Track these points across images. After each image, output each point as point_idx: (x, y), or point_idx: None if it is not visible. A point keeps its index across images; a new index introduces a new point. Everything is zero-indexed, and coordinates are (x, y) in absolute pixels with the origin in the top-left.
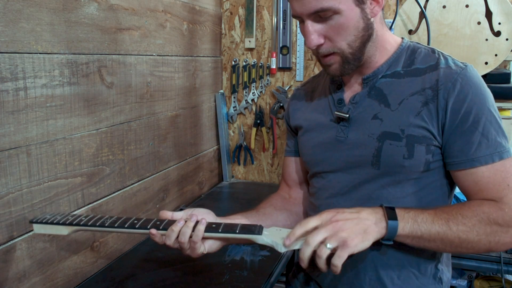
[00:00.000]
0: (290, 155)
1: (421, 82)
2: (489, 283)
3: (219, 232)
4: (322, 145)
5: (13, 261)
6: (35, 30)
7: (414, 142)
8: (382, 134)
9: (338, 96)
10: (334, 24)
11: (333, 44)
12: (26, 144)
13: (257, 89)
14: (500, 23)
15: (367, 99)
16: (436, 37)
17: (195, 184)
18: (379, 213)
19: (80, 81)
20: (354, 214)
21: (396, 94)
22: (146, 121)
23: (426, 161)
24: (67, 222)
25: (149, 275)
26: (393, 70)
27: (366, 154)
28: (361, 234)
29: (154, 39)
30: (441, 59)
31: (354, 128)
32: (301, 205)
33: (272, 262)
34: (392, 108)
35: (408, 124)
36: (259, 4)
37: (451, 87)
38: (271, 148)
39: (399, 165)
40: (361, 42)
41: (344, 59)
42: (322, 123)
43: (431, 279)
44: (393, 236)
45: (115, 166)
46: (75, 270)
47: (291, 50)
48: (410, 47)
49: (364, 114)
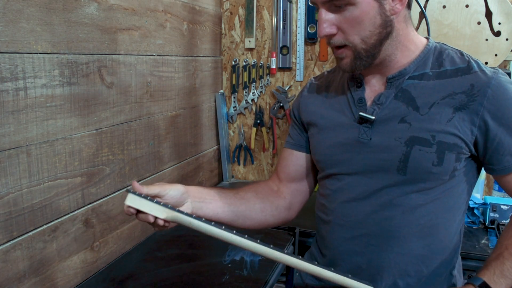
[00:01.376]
0: (290, 148)
1: (451, 85)
2: None
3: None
4: (341, 145)
5: (13, 261)
6: (35, 30)
7: (445, 149)
8: (410, 139)
9: (359, 95)
10: (348, 15)
11: (345, 37)
12: (26, 144)
13: (257, 89)
14: (500, 23)
15: (394, 101)
16: (436, 37)
17: (195, 184)
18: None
19: (80, 81)
20: None
21: (426, 98)
22: (146, 121)
23: (453, 168)
24: (168, 206)
25: (149, 275)
26: (421, 71)
27: (392, 159)
28: None
29: (154, 39)
30: (472, 63)
31: (379, 130)
32: (286, 200)
33: (272, 262)
34: (421, 112)
35: (440, 130)
36: (259, 4)
37: (490, 94)
38: (271, 148)
39: (427, 171)
40: (378, 39)
41: (356, 55)
42: (342, 122)
43: (445, 284)
44: None
45: (115, 166)
46: (75, 270)
47: (291, 50)
48: (437, 48)
49: (390, 116)
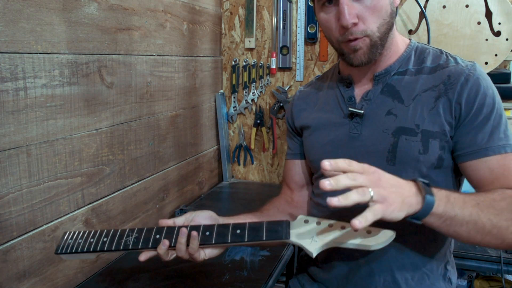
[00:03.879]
0: (292, 158)
1: (432, 80)
2: (489, 283)
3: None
4: (333, 143)
5: (13, 261)
6: (35, 30)
7: (429, 137)
8: (397, 129)
9: (348, 94)
10: (369, 3)
11: (365, 26)
12: (26, 144)
13: (257, 89)
14: (500, 23)
15: (380, 96)
16: (436, 37)
17: (195, 184)
18: (413, 187)
19: (80, 81)
20: (394, 180)
21: (409, 90)
22: (146, 121)
23: (439, 156)
24: (91, 249)
25: (149, 275)
26: (405, 68)
27: (381, 150)
28: (399, 203)
29: (154, 39)
30: (450, 59)
31: (368, 124)
32: (304, 209)
33: (272, 262)
34: (406, 104)
35: (423, 119)
36: (259, 4)
37: (463, 81)
38: (271, 148)
39: (414, 159)
40: (387, 28)
41: (373, 43)
42: (333, 120)
43: (441, 278)
44: (427, 213)
45: (115, 166)
46: (75, 270)
47: (291, 50)
48: (419, 48)
49: (377, 111)
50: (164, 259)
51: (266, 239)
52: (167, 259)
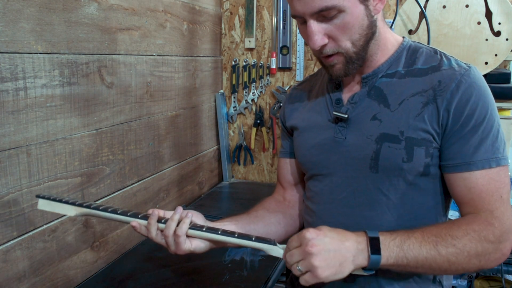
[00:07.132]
0: (284, 157)
1: (422, 83)
2: (489, 283)
3: (203, 231)
4: (319, 146)
5: (13, 261)
6: (35, 30)
7: (414, 144)
8: (380, 136)
9: (336, 96)
10: (339, 23)
11: (337, 44)
12: (26, 144)
13: (257, 89)
14: (500, 23)
15: (367, 99)
16: (436, 37)
17: (195, 184)
18: (362, 243)
19: (80, 81)
20: (335, 242)
21: (396, 95)
22: (146, 121)
23: (425, 164)
24: (76, 203)
25: (149, 275)
26: (394, 69)
27: (364, 157)
28: (336, 267)
29: (154, 39)
30: (444, 60)
31: (353, 128)
32: (296, 207)
33: (272, 262)
34: (391, 109)
35: (408, 126)
36: (259, 4)
37: (454, 88)
38: (271, 148)
39: (398, 168)
40: (365, 40)
41: (348, 59)
42: (319, 123)
43: (430, 283)
44: (375, 268)
45: (115, 166)
46: (75, 270)
47: (291, 50)
48: (412, 47)
49: (363, 115)
50: (151, 234)
51: (255, 240)
52: (153, 236)
